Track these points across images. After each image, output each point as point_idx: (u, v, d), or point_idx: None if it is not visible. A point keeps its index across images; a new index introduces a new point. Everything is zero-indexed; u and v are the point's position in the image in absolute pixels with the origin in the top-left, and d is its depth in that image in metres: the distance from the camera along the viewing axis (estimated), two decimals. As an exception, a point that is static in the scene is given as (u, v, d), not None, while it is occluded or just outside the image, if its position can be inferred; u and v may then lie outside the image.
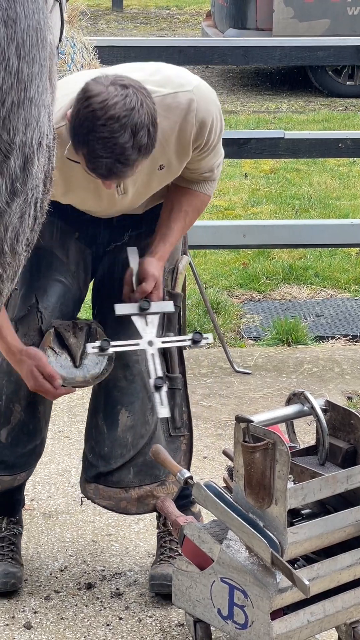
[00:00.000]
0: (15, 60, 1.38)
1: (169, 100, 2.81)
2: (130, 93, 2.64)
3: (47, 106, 1.53)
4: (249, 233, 4.88)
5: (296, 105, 10.19)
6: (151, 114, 2.66)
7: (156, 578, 3.07)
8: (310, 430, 3.79)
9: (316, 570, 2.68)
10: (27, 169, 1.47)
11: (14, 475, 3.09)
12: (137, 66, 2.92)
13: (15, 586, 3.09)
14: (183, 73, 2.90)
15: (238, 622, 2.69)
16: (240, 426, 2.63)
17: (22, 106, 1.42)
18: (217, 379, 4.55)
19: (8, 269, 1.52)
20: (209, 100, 2.88)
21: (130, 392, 3.03)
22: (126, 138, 2.62)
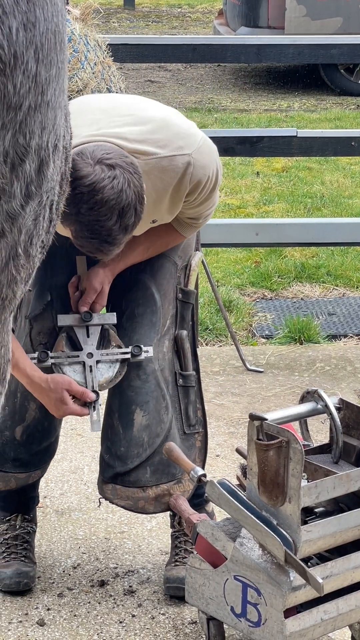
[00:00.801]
0: (34, 64, 1.37)
1: (166, 163, 2.80)
2: (117, 174, 2.63)
3: (64, 107, 1.52)
4: (261, 231, 4.88)
5: (308, 104, 10.18)
6: (138, 192, 2.66)
7: (171, 581, 3.07)
8: (323, 428, 3.78)
9: (330, 569, 2.68)
10: (42, 172, 1.46)
11: (28, 472, 3.10)
12: (143, 116, 2.85)
13: (28, 585, 3.09)
14: (188, 132, 2.85)
15: (251, 620, 2.69)
16: (254, 424, 2.63)
17: (39, 109, 1.41)
18: (229, 377, 4.55)
19: (22, 271, 1.51)
20: (207, 162, 2.86)
21: (145, 392, 3.03)
22: (113, 221, 2.64)
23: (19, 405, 3.06)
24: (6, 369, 1.62)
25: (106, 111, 2.85)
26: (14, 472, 3.09)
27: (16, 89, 1.35)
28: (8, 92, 1.34)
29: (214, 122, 9.23)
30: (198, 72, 11.58)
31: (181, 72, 11.63)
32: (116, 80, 5.85)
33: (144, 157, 2.77)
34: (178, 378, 3.09)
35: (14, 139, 1.38)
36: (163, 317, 3.06)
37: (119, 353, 3.01)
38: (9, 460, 3.08)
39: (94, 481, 3.65)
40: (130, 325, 3.05)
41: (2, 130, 1.36)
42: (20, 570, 3.10)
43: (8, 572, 3.10)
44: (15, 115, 1.37)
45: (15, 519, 3.21)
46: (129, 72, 11.11)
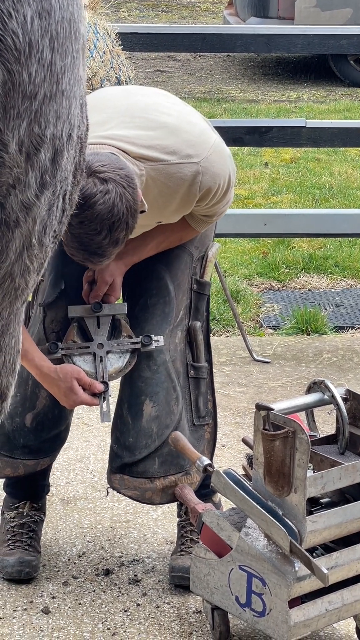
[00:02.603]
0: (49, 53, 1.37)
1: (173, 170, 2.79)
2: (110, 189, 2.62)
3: (79, 97, 1.52)
4: (269, 222, 4.87)
5: (317, 95, 10.16)
6: (130, 206, 2.65)
7: (176, 570, 3.07)
8: (329, 419, 3.78)
9: (335, 559, 2.68)
10: (57, 162, 1.46)
11: (37, 460, 3.10)
12: (155, 120, 2.82)
13: (30, 574, 3.09)
14: (198, 140, 2.83)
15: (256, 610, 2.69)
16: (261, 414, 2.63)
17: (54, 99, 1.40)
18: (236, 368, 4.55)
19: (35, 261, 1.51)
20: (217, 170, 2.84)
21: (155, 383, 3.03)
22: (103, 235, 2.64)
23: (30, 392, 3.06)
24: (16, 360, 1.62)
25: (119, 111, 2.83)
26: (23, 459, 3.09)
27: (31, 77, 1.35)
28: (23, 80, 1.34)
29: (222, 112, 9.21)
30: (207, 62, 11.56)
31: (190, 62, 11.61)
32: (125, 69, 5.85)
33: (151, 163, 2.77)
34: (189, 369, 3.09)
35: (29, 128, 1.37)
36: (176, 307, 3.06)
37: (129, 343, 3.01)
38: (18, 446, 3.09)
39: (99, 470, 3.66)
40: (143, 315, 3.05)
41: (17, 119, 1.35)
42: (23, 559, 3.10)
43: (11, 560, 3.10)
44: (30, 104, 1.36)
45: (24, 506, 3.21)
46: (138, 61, 11.09)
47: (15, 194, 1.41)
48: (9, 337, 1.57)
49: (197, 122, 2.89)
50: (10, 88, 1.33)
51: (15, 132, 1.36)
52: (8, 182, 1.39)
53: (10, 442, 3.09)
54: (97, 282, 3.01)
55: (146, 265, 3.06)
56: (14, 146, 1.36)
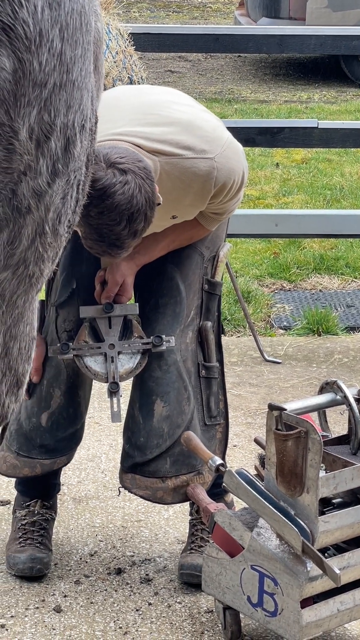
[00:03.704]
0: (59, 43, 1.40)
1: (188, 165, 2.80)
2: (129, 179, 2.63)
3: (91, 90, 1.54)
4: (281, 222, 4.87)
5: (328, 96, 10.16)
6: (148, 198, 2.66)
7: (185, 567, 3.08)
8: (340, 420, 3.78)
9: (347, 560, 2.68)
10: (69, 151, 1.48)
11: (53, 459, 3.11)
12: (168, 116, 2.83)
13: (41, 571, 3.10)
14: (212, 136, 2.84)
15: (268, 610, 2.69)
16: (273, 414, 2.63)
17: (65, 88, 1.43)
18: (247, 368, 4.56)
19: (49, 249, 1.53)
20: (232, 165, 2.85)
21: (165, 382, 3.04)
22: (122, 226, 2.64)
23: (45, 392, 3.07)
24: (31, 347, 1.63)
25: (132, 109, 2.84)
26: (40, 459, 3.10)
27: (41, 66, 1.38)
28: (34, 69, 1.37)
29: (233, 112, 9.22)
30: (218, 63, 11.56)
31: (201, 62, 11.61)
32: (137, 70, 5.85)
33: (165, 157, 2.77)
34: (201, 369, 3.09)
35: (39, 115, 1.40)
36: (187, 307, 3.06)
37: (140, 344, 3.02)
38: (36, 446, 3.10)
39: (111, 469, 3.66)
40: (154, 315, 3.05)
41: (27, 107, 1.38)
42: (34, 556, 3.11)
43: (22, 557, 3.11)
44: (40, 92, 1.39)
45: (35, 505, 3.22)
46: (150, 62, 11.10)
47: (27, 181, 1.43)
48: (23, 324, 1.59)
49: (210, 119, 2.90)
50: (21, 76, 1.36)
51: (26, 120, 1.39)
52: (19, 168, 1.41)
53: (28, 442, 3.10)
54: (108, 283, 3.01)
55: (157, 266, 3.06)
56: (24, 133, 1.39)
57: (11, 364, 1.59)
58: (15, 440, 3.12)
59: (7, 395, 1.61)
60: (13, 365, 1.60)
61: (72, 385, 3.07)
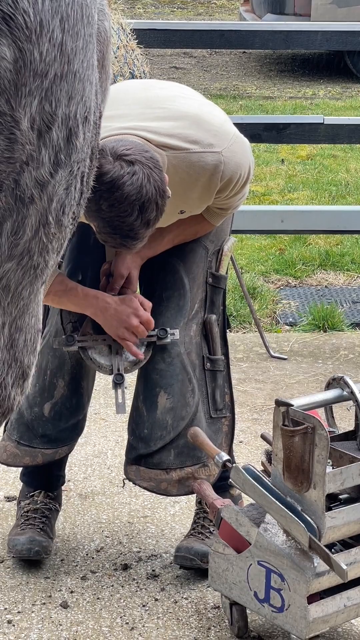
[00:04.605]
0: (60, 33, 1.41)
1: (195, 158, 2.80)
2: (137, 170, 2.63)
3: (94, 84, 1.55)
4: (286, 218, 4.87)
5: (333, 92, 10.15)
6: (158, 187, 2.66)
7: (181, 550, 3.09)
8: (347, 416, 3.78)
9: (354, 555, 2.68)
10: (72, 142, 1.49)
11: (55, 449, 3.12)
12: (176, 110, 2.83)
13: (39, 554, 3.10)
14: (220, 130, 2.84)
15: (274, 606, 2.69)
16: (280, 410, 2.63)
17: (66, 79, 1.44)
18: (253, 364, 4.55)
19: (53, 240, 1.54)
20: (239, 160, 2.86)
21: (169, 375, 3.04)
22: (134, 216, 2.65)
23: (48, 382, 3.09)
24: (36, 339, 1.64)
25: (139, 103, 2.85)
26: (42, 448, 3.12)
27: (42, 56, 1.39)
28: (34, 59, 1.38)
29: (239, 109, 9.21)
30: (223, 59, 11.56)
31: (206, 58, 11.60)
32: (139, 64, 5.84)
33: (172, 151, 2.78)
34: (206, 362, 3.10)
35: (40, 105, 1.41)
36: (191, 300, 3.07)
37: (147, 335, 3.03)
38: (37, 436, 3.11)
39: (117, 465, 3.66)
40: (158, 308, 3.06)
41: (28, 97, 1.39)
42: (33, 538, 3.12)
43: (21, 539, 3.13)
44: (41, 82, 1.40)
45: (39, 495, 3.23)
46: (154, 58, 11.09)
47: (29, 171, 1.44)
48: (29, 316, 1.59)
49: (217, 114, 2.90)
50: (22, 66, 1.37)
51: (27, 110, 1.40)
52: (21, 158, 1.42)
53: (29, 432, 3.12)
54: (113, 275, 3.02)
55: (161, 259, 3.07)
56: (25, 123, 1.40)
57: (17, 355, 1.60)
58: (16, 429, 3.14)
59: (12, 387, 1.61)
60: (19, 357, 1.60)
61: (76, 376, 3.09)
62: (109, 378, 3.14)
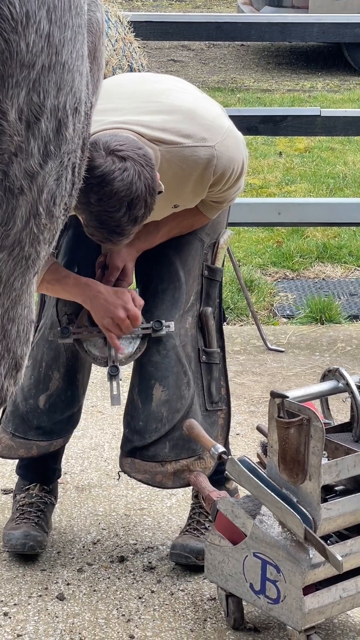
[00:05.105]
0: (47, 24, 1.40)
1: (188, 153, 2.80)
2: (128, 166, 2.63)
3: (85, 75, 1.54)
4: (284, 211, 4.87)
5: (331, 84, 10.14)
6: (148, 185, 2.66)
7: (176, 548, 3.09)
8: (343, 408, 3.78)
9: (349, 547, 2.68)
10: (61, 133, 1.49)
11: (50, 441, 3.12)
12: (169, 104, 2.83)
13: (34, 549, 3.11)
14: (213, 124, 2.84)
15: (270, 597, 2.69)
16: (275, 402, 2.63)
17: (54, 70, 1.44)
18: (250, 357, 4.55)
19: (45, 231, 1.54)
20: (232, 154, 2.85)
21: (164, 367, 3.04)
22: (122, 212, 2.65)
23: (44, 374, 3.09)
24: (29, 330, 1.64)
25: (133, 97, 2.85)
26: (37, 440, 3.12)
27: (29, 47, 1.39)
28: (21, 50, 1.38)
29: (236, 102, 9.20)
30: (221, 52, 11.54)
31: (204, 51, 11.59)
32: (138, 57, 5.83)
33: (165, 145, 2.77)
34: (201, 355, 3.10)
35: (27, 97, 1.41)
36: (187, 293, 3.07)
37: (140, 329, 3.03)
38: (32, 428, 3.11)
39: (114, 458, 3.66)
40: (153, 300, 3.06)
41: (16, 88, 1.39)
42: (28, 533, 3.12)
43: (16, 533, 3.13)
44: (28, 73, 1.40)
45: (34, 488, 3.24)
46: (152, 51, 11.08)
47: (18, 162, 1.44)
48: (21, 307, 1.59)
49: (211, 108, 2.90)
50: (8, 57, 1.37)
51: (15, 101, 1.40)
52: (10, 149, 1.42)
53: (24, 424, 3.12)
54: (109, 268, 3.02)
55: (157, 252, 3.07)
56: (13, 114, 1.40)
57: (9, 346, 1.60)
58: (11, 421, 3.14)
59: (5, 378, 1.61)
60: (11, 348, 1.60)
61: (71, 369, 3.09)
62: (104, 370, 3.14)
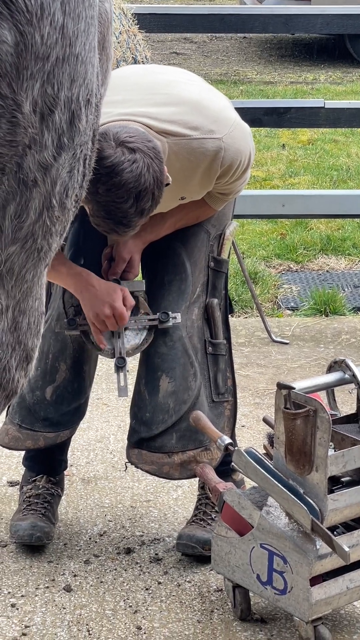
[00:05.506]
0: (61, 16, 1.40)
1: (195, 145, 2.80)
2: (137, 158, 2.63)
3: (96, 66, 1.54)
4: (288, 203, 4.87)
5: (334, 77, 10.13)
6: (156, 178, 2.66)
7: (182, 538, 3.10)
8: (348, 400, 3.78)
9: (356, 537, 2.69)
10: (75, 125, 1.49)
11: (57, 432, 3.13)
12: (177, 96, 2.84)
13: (41, 540, 3.12)
14: (220, 116, 2.84)
15: (277, 588, 2.70)
16: (282, 393, 2.63)
17: (68, 62, 1.44)
18: (255, 349, 4.56)
19: (57, 223, 1.54)
20: (239, 146, 2.86)
21: (171, 358, 3.05)
22: (129, 204, 2.65)
23: (50, 366, 3.09)
24: (40, 322, 1.64)
25: (140, 89, 2.85)
26: (43, 432, 3.12)
27: (43, 39, 1.38)
28: (35, 42, 1.38)
29: (239, 94, 9.19)
30: (223, 44, 11.53)
31: (207, 44, 11.58)
32: (142, 49, 5.83)
33: (173, 137, 2.78)
34: (208, 346, 3.10)
35: (42, 89, 1.41)
36: (193, 284, 3.07)
37: (146, 320, 3.03)
38: (39, 419, 3.12)
39: (119, 450, 3.67)
40: (159, 292, 3.06)
41: (30, 80, 1.39)
42: (35, 524, 3.13)
43: (23, 524, 3.14)
44: (43, 65, 1.40)
45: (40, 480, 3.24)
46: (155, 44, 11.07)
47: (32, 154, 1.44)
48: (32, 299, 1.59)
49: (218, 100, 2.90)
50: (23, 49, 1.36)
51: (29, 93, 1.39)
52: (24, 142, 1.42)
53: (31, 415, 3.12)
54: (115, 259, 3.02)
55: (163, 243, 3.07)
56: (27, 106, 1.40)
57: (20, 338, 1.60)
58: (17, 413, 3.14)
59: (16, 370, 1.62)
60: (22, 340, 1.60)
61: (78, 360, 3.09)
62: (110, 363, 3.14)
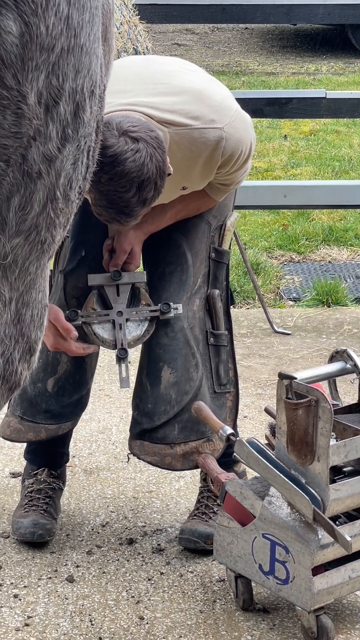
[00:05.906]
0: (66, 6, 1.40)
1: (196, 135, 2.80)
2: (140, 147, 2.64)
3: (100, 57, 1.54)
4: (289, 193, 4.86)
5: (336, 67, 10.11)
6: (159, 167, 2.67)
7: (185, 532, 3.10)
8: (350, 390, 3.78)
9: (358, 527, 2.69)
10: (79, 116, 1.48)
11: (58, 424, 3.13)
12: (178, 86, 2.84)
13: (43, 537, 3.12)
14: (221, 106, 2.84)
15: (279, 578, 2.70)
16: (284, 383, 2.63)
17: (72, 53, 1.43)
18: (257, 339, 4.56)
19: (61, 215, 1.53)
20: (240, 135, 2.86)
21: (172, 349, 3.05)
22: (132, 193, 2.65)
23: (52, 357, 3.09)
24: (43, 314, 1.64)
25: (141, 79, 2.85)
26: (45, 423, 3.12)
27: (48, 30, 1.38)
28: (40, 32, 1.37)
29: (241, 85, 9.18)
30: (225, 35, 11.51)
31: (208, 35, 11.56)
32: (143, 40, 5.82)
33: (175, 127, 2.78)
34: (209, 337, 3.10)
35: (47, 80, 1.40)
36: (194, 275, 3.07)
37: (148, 311, 3.03)
38: (41, 411, 3.12)
39: (122, 441, 3.67)
40: (161, 283, 3.06)
41: (35, 71, 1.38)
42: (37, 521, 3.13)
43: (25, 522, 3.14)
44: (48, 56, 1.39)
45: (42, 473, 3.24)
46: (156, 35, 11.05)
47: (37, 146, 1.43)
48: (35, 291, 1.59)
49: (219, 90, 2.90)
50: (28, 40, 1.36)
51: (34, 84, 1.39)
52: (29, 133, 1.42)
53: (32, 407, 3.12)
54: (116, 251, 3.02)
55: (164, 234, 3.07)
56: (32, 98, 1.39)
57: (24, 330, 1.60)
58: (19, 405, 3.14)
59: (20, 362, 1.61)
60: (26, 332, 1.60)
61: None
62: (112, 354, 3.14)
